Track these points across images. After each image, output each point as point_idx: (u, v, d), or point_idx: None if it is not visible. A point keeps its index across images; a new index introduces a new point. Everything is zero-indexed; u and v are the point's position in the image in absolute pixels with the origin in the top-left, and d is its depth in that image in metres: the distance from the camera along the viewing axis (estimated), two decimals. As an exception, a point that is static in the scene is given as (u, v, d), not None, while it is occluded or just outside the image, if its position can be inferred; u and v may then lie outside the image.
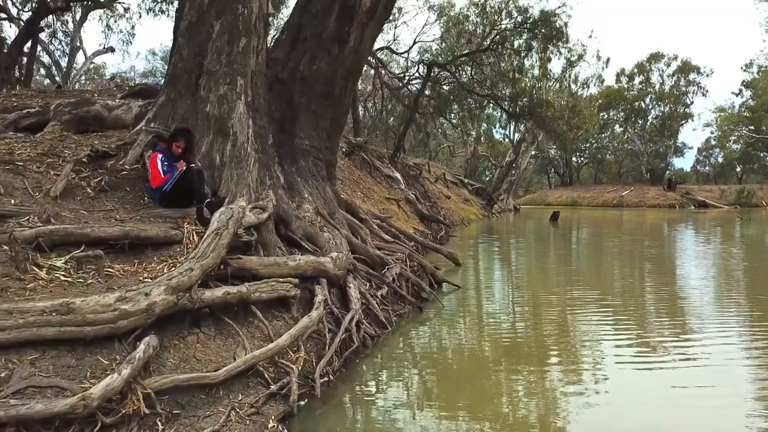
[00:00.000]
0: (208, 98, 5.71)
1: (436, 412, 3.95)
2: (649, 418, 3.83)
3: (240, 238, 4.70)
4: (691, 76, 46.20)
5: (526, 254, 14.02)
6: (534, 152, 43.06)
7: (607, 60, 36.02)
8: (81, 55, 27.87)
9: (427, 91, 24.28)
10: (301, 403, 3.82)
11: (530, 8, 21.43)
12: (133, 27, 27.88)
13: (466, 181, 33.45)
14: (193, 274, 3.82)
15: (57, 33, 26.23)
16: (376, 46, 23.60)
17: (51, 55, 27.08)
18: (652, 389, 4.34)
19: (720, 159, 55.67)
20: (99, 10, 25.22)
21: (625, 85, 48.35)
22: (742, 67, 56.37)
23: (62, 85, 22.17)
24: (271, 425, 3.44)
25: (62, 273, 3.66)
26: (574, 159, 56.34)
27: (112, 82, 24.98)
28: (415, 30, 58.24)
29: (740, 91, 47.27)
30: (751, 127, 45.59)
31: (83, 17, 26.27)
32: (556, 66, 39.11)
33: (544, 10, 20.98)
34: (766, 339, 5.67)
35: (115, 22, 26.46)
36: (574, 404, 4.05)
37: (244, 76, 5.88)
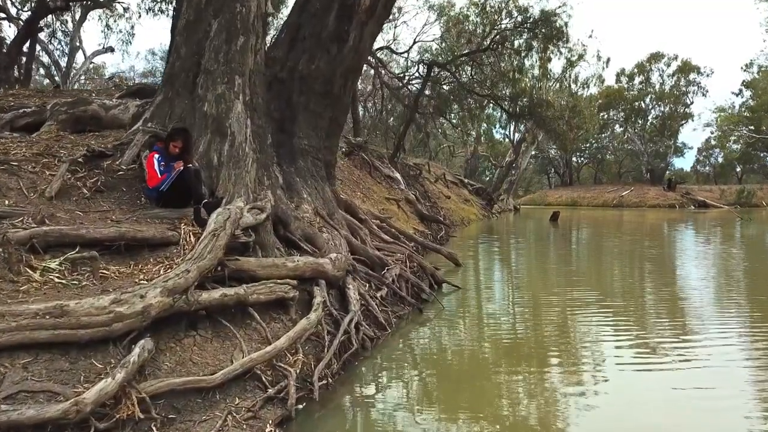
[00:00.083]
0: (205, 97, 5.65)
1: (437, 415, 3.91)
2: (650, 419, 3.82)
3: (238, 239, 4.65)
4: (691, 76, 46.22)
5: (526, 254, 13.97)
6: (534, 152, 43.01)
7: (608, 60, 35.90)
8: (80, 55, 27.92)
9: (427, 91, 24.21)
10: (300, 407, 3.77)
11: (530, 8, 21.44)
12: (132, 27, 27.99)
13: (466, 181, 33.41)
14: (190, 276, 3.77)
15: (56, 33, 26.24)
16: (376, 46, 23.57)
17: (50, 54, 27.05)
18: (653, 390, 4.33)
19: (720, 159, 55.68)
20: (98, 10, 25.17)
21: (625, 85, 48.33)
22: (742, 67, 56.41)
23: (61, 85, 22.14)
24: (268, 429, 3.39)
25: (56, 275, 3.61)
26: (574, 159, 56.31)
27: (111, 82, 24.94)
28: (415, 30, 58.17)
29: (740, 91, 47.35)
30: (751, 127, 45.58)
31: (83, 17, 26.25)
32: (556, 66, 39.08)
33: (545, 10, 20.96)
34: (767, 340, 5.63)
35: (115, 21, 26.45)
36: (574, 405, 4.03)
37: (242, 75, 5.82)
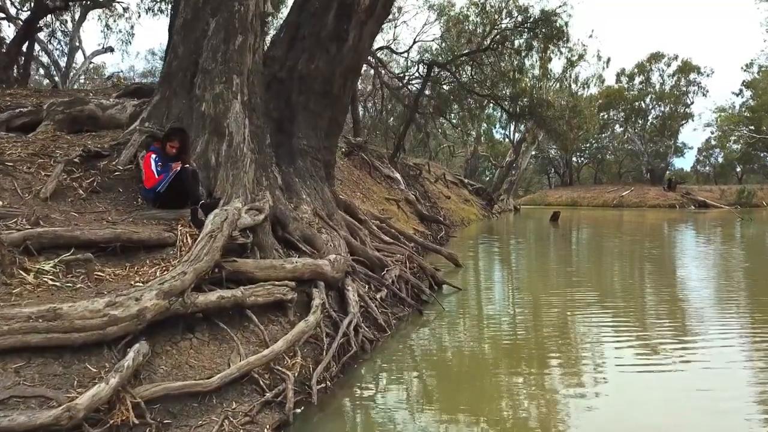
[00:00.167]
0: (203, 97, 5.59)
1: (437, 418, 3.86)
2: (650, 419, 3.83)
3: (235, 240, 4.59)
4: (692, 76, 46.11)
5: (527, 255, 13.91)
6: (534, 152, 42.91)
7: (608, 60, 35.77)
8: (80, 55, 27.80)
9: (427, 91, 24.13)
10: (298, 411, 3.72)
11: (531, 8, 21.35)
12: (132, 27, 27.94)
13: (466, 181, 33.34)
14: (186, 278, 3.71)
15: (56, 33, 26.13)
16: (376, 46, 23.51)
17: (50, 54, 26.95)
18: (653, 390, 4.32)
19: (720, 159, 55.59)
20: (98, 10, 25.10)
21: (626, 85, 48.23)
22: (742, 67, 56.39)
23: (60, 85, 22.08)
24: (265, 434, 3.34)
25: (50, 277, 3.55)
26: (574, 159, 56.23)
27: (109, 82, 24.88)
28: (415, 29, 57.99)
29: (740, 91, 47.28)
30: (752, 127, 45.51)
31: (82, 17, 26.14)
32: (556, 66, 38.90)
33: (545, 10, 20.87)
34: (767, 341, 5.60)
35: (114, 21, 26.38)
36: (574, 406, 4.03)
37: (240, 74, 5.76)
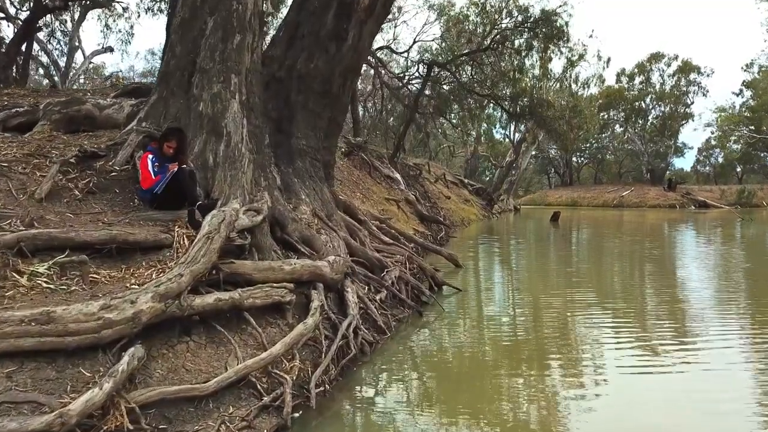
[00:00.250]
0: (201, 97, 5.53)
1: (438, 422, 3.80)
2: (650, 419, 3.81)
3: (233, 241, 4.54)
4: (692, 76, 46.04)
5: (527, 255, 13.86)
6: (534, 152, 42.84)
7: (608, 60, 35.52)
8: (80, 55, 27.75)
9: (427, 91, 24.07)
10: (296, 415, 3.66)
11: (531, 7, 21.28)
12: (131, 27, 27.89)
13: (466, 181, 33.28)
14: (183, 281, 3.66)
15: (55, 32, 26.06)
16: (376, 46, 23.47)
17: (49, 54, 26.88)
18: (653, 391, 4.30)
19: (720, 159, 55.54)
20: (98, 10, 25.03)
21: (626, 85, 48.16)
22: (742, 67, 56.35)
23: (59, 85, 22.00)
24: (263, 440, 3.28)
25: (44, 279, 3.49)
26: (575, 159, 56.17)
27: (108, 82, 24.82)
28: (415, 29, 58.04)
29: (741, 91, 47.23)
30: (752, 127, 45.46)
31: (82, 17, 26.07)
32: (556, 66, 38.79)
33: (545, 10, 20.80)
34: (768, 342, 5.58)
35: (114, 21, 26.32)
36: (574, 406, 4.01)
37: (238, 74, 5.70)
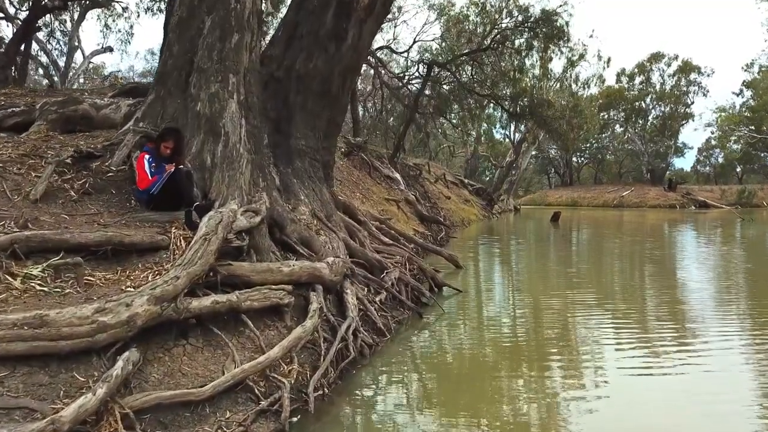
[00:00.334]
0: (198, 96, 5.47)
1: (439, 426, 3.75)
2: (649, 420, 3.79)
3: (230, 243, 4.48)
4: (692, 76, 46.01)
5: (527, 256, 13.80)
6: (534, 152, 42.83)
7: (608, 60, 35.28)
8: (79, 55, 27.70)
9: (427, 91, 24.02)
10: (294, 420, 3.60)
11: (531, 7, 21.24)
12: (131, 26, 27.94)
13: (467, 181, 33.23)
14: (179, 283, 3.60)
15: (55, 32, 26.02)
16: (376, 46, 23.41)
17: (49, 54, 26.84)
18: (653, 392, 4.28)
19: (720, 159, 55.51)
20: (97, 10, 24.98)
21: (626, 85, 48.12)
22: (743, 67, 56.36)
23: (58, 85, 21.94)
24: (260, 445, 3.23)
25: (38, 282, 3.44)
26: (575, 159, 56.13)
27: (106, 81, 24.77)
28: (415, 29, 58.10)
29: (741, 91, 47.17)
30: (752, 127, 45.39)
31: (81, 16, 26.02)
32: (557, 66, 38.89)
33: (545, 9, 20.74)
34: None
35: (114, 21, 26.26)
36: (574, 407, 3.99)
37: (236, 73, 5.65)
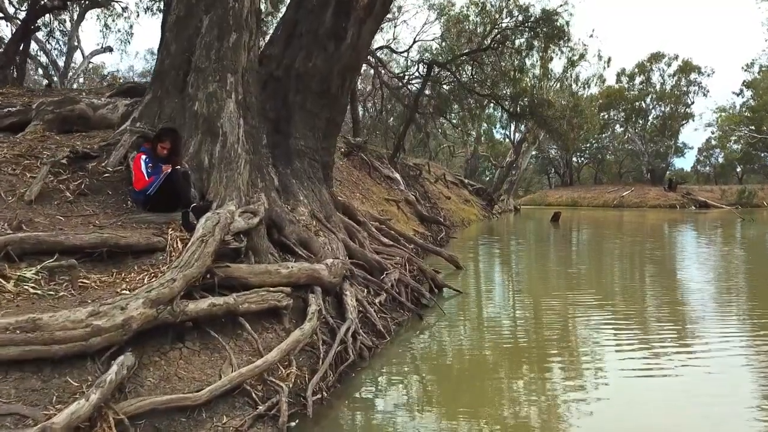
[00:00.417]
0: (196, 96, 5.41)
1: (439, 429, 3.69)
2: (649, 420, 3.79)
3: (228, 244, 4.42)
4: (692, 76, 45.97)
5: (527, 256, 13.75)
6: (534, 152, 42.78)
7: (608, 60, 35.32)
8: (79, 55, 27.65)
9: (427, 91, 23.96)
10: (292, 424, 3.54)
11: (531, 7, 21.19)
12: (131, 26, 27.95)
13: (467, 181, 33.18)
14: (175, 285, 3.54)
15: (54, 32, 25.95)
16: (376, 45, 23.35)
17: (48, 54, 26.77)
18: (653, 392, 4.27)
19: (721, 159, 55.47)
20: (97, 10, 24.92)
21: (626, 85, 48.09)
22: (743, 67, 56.29)
23: (57, 85, 21.87)
24: (257, 451, 3.17)
25: (32, 285, 3.38)
26: (575, 159, 56.08)
27: (105, 81, 24.72)
28: (415, 29, 58.18)
29: (741, 91, 47.15)
30: (752, 127, 45.35)
31: (81, 16, 25.95)
32: (557, 66, 38.86)
33: (546, 9, 20.69)
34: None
35: (113, 21, 26.21)
36: (575, 407, 3.98)
37: (234, 73, 5.59)
